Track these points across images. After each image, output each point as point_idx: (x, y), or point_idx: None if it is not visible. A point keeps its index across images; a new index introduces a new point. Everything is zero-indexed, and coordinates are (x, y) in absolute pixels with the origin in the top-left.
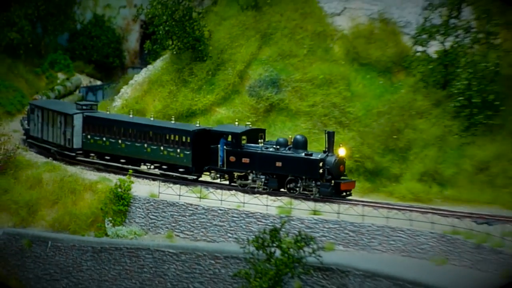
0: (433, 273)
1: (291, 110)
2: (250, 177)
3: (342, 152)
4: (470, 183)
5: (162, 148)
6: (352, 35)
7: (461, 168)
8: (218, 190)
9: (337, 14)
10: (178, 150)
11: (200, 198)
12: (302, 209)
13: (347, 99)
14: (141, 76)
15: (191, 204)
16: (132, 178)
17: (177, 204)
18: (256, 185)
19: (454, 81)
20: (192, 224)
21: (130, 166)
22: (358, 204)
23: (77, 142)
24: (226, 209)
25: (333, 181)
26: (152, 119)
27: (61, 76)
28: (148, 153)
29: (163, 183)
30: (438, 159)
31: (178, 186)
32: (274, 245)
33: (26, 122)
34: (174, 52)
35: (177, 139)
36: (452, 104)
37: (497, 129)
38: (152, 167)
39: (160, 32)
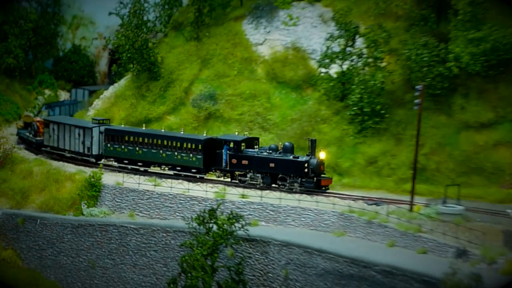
0: (334, 243)
1: (224, 117)
2: (248, 176)
3: (322, 155)
4: (362, 173)
5: (176, 153)
6: (271, 60)
7: (355, 162)
8: (169, 180)
9: (259, 43)
10: (191, 155)
11: (155, 185)
12: (233, 193)
13: (268, 109)
14: (109, 91)
15: (148, 190)
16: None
17: (137, 190)
18: (256, 182)
19: (350, 95)
20: (148, 206)
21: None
22: (277, 190)
23: (95, 150)
24: (175, 194)
25: (315, 178)
26: (163, 130)
27: (47, 92)
28: (163, 158)
29: (126, 174)
30: (337, 155)
31: (138, 176)
32: (212, 221)
33: (26, 133)
34: (134, 73)
35: (189, 146)
36: (348, 113)
37: (383, 132)
38: (166, 168)
39: (124, 58)
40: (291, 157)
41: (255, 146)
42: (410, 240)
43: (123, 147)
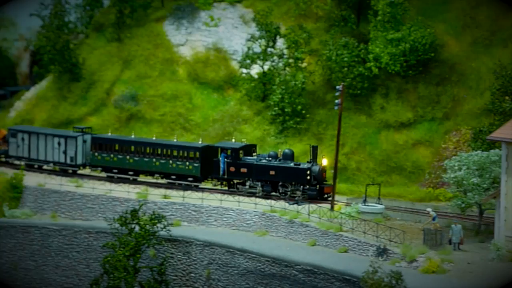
0: (256, 242)
1: (146, 118)
2: (247, 184)
3: (324, 162)
4: None
5: (171, 161)
6: (192, 60)
7: None
8: (91, 180)
9: (181, 44)
10: (187, 163)
11: (77, 186)
12: (155, 194)
13: (190, 110)
14: (30, 93)
15: (70, 191)
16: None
17: (59, 191)
18: (256, 191)
19: (271, 95)
20: (71, 207)
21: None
22: (199, 190)
23: (79, 159)
24: (97, 195)
25: (318, 186)
26: (154, 138)
27: None
28: (157, 166)
29: (48, 175)
30: None
31: (60, 177)
32: (134, 222)
33: None
34: (56, 75)
35: (185, 154)
36: (269, 113)
37: (304, 132)
38: (159, 177)
39: (45, 59)
40: (292, 164)
41: (254, 154)
42: (331, 239)
43: (112, 155)
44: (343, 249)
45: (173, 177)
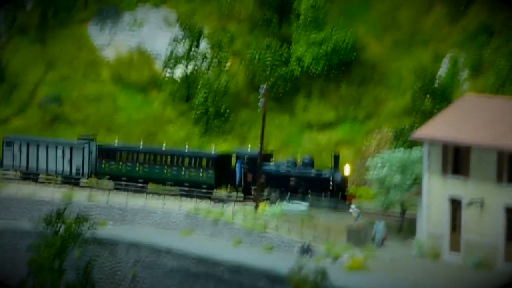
0: (181, 242)
1: (70, 119)
2: (265, 192)
3: (347, 170)
4: None
5: (183, 170)
6: (116, 62)
7: None
8: (15, 181)
9: (105, 46)
10: (201, 171)
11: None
12: (81, 195)
13: (113, 111)
14: None
15: None
16: None
17: None
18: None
19: (195, 96)
20: None
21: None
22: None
23: (86, 169)
24: (22, 196)
25: (340, 194)
26: (163, 146)
27: None
28: (168, 175)
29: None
30: None
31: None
32: (59, 223)
33: None
34: None
35: (199, 162)
36: (193, 114)
37: (228, 132)
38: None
39: None
40: (314, 173)
41: (271, 161)
42: (256, 238)
43: (120, 164)
44: (268, 247)
45: (186, 185)
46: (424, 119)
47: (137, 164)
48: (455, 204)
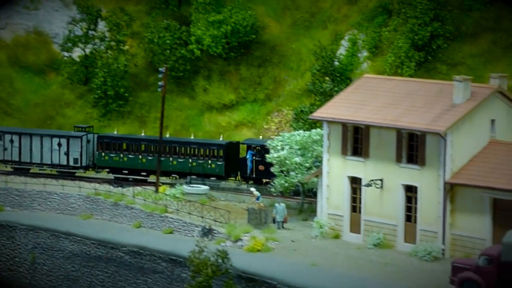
0: (81, 226)
1: None
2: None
3: None
4: None
5: (191, 160)
6: (13, 44)
7: None
8: None
9: (1, 28)
10: (210, 161)
11: None
12: None
13: (10, 94)
14: None
15: None
16: None
17: None
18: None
19: (93, 78)
20: None
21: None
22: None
23: (84, 161)
24: None
25: None
26: (168, 135)
27: None
28: (174, 166)
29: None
30: None
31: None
32: None
33: None
34: None
35: (208, 152)
36: (92, 96)
37: (127, 114)
38: (176, 177)
39: None
40: None
41: None
42: (156, 221)
43: (122, 155)
44: (168, 230)
45: (193, 176)
46: (323, 99)
47: (140, 154)
48: (355, 185)
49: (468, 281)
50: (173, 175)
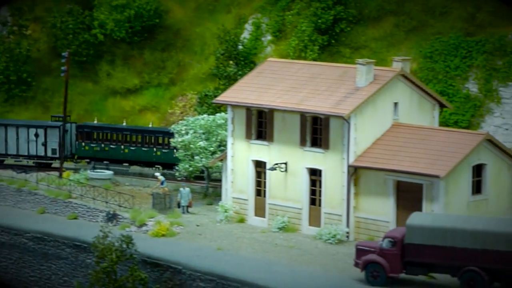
0: None
1: None
2: None
3: None
4: None
5: (175, 151)
6: None
7: None
8: None
9: None
10: None
11: None
12: None
13: None
14: None
15: None
16: None
17: None
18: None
19: None
20: None
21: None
22: None
23: (64, 150)
24: None
25: None
26: (151, 125)
27: None
28: (158, 156)
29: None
30: None
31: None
32: None
33: None
34: None
35: None
36: None
37: (30, 100)
38: (160, 168)
39: None
40: None
41: None
42: (60, 207)
43: (103, 146)
44: (72, 215)
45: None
46: (228, 83)
47: (122, 144)
48: (260, 169)
49: (372, 264)
50: (156, 166)
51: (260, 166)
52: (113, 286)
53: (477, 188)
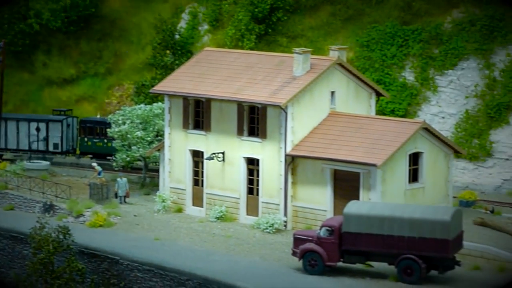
0: None
1: None
2: None
3: None
4: None
5: None
6: None
7: None
8: None
9: None
10: None
11: None
12: None
13: None
14: None
15: None
16: None
17: None
18: None
19: None
20: None
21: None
22: None
23: (65, 146)
24: None
25: None
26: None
27: None
28: None
29: None
30: None
31: None
32: None
33: None
34: None
35: None
36: None
37: None
38: None
39: None
40: None
41: None
42: None
43: (105, 141)
44: (9, 206)
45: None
46: (164, 73)
47: None
48: (197, 158)
49: (310, 253)
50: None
51: (197, 155)
52: (50, 277)
53: (413, 176)
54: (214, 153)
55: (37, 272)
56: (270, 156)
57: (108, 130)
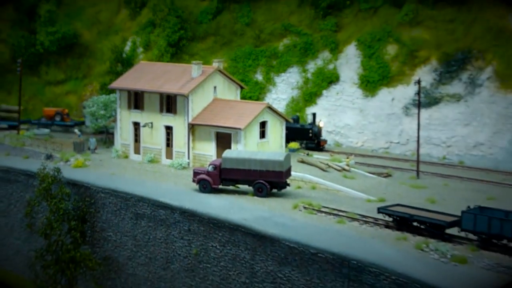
0: None
1: None
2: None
3: (322, 123)
4: None
5: None
6: None
7: None
8: None
9: None
10: None
11: None
12: None
13: None
14: None
15: None
16: None
17: None
18: None
19: None
20: None
21: None
22: None
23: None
24: None
25: (316, 140)
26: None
27: None
28: None
29: None
30: None
31: None
32: None
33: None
34: None
35: None
36: None
37: None
38: None
39: None
40: (299, 125)
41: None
42: (18, 151)
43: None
44: (26, 156)
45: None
46: (117, 77)
47: None
48: (136, 126)
49: (203, 180)
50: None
51: (136, 124)
52: (49, 198)
53: (262, 134)
54: (146, 123)
55: (41, 195)
56: (179, 124)
57: (83, 110)
